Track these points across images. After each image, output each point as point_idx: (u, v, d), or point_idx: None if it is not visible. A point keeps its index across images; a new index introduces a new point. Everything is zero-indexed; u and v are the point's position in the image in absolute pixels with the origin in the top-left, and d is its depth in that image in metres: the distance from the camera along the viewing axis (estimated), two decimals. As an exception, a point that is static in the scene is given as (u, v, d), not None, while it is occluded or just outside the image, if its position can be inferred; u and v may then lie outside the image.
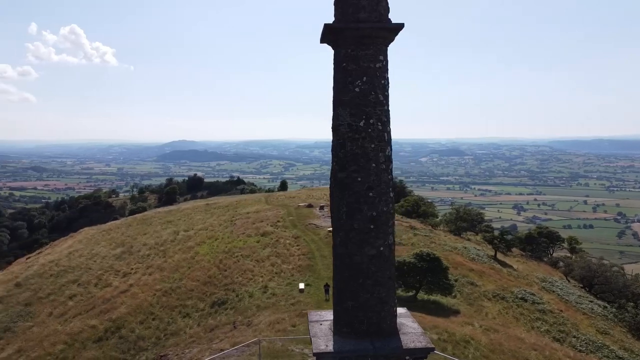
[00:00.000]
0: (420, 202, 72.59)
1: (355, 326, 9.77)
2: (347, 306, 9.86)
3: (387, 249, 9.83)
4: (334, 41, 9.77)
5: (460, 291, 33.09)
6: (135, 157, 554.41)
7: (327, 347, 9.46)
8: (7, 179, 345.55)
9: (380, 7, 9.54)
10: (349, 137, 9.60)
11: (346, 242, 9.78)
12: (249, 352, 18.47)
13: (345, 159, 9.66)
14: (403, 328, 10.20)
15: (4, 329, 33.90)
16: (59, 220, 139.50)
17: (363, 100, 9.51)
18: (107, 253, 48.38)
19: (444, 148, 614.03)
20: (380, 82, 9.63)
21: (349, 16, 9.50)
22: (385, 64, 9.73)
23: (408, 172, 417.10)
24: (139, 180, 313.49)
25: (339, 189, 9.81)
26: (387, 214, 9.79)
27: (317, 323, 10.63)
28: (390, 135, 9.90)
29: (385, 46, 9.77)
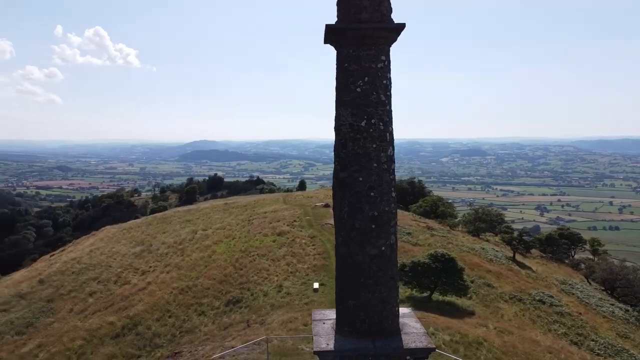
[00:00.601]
0: (439, 202, 72.08)
1: (356, 325, 9.81)
2: (348, 305, 9.90)
3: (389, 249, 9.83)
4: (336, 42, 9.83)
5: (476, 292, 32.80)
6: (157, 157, 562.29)
7: (328, 345, 9.52)
8: (33, 178, 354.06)
9: (382, 7, 9.55)
10: (350, 137, 9.64)
11: (348, 242, 9.83)
12: (258, 350, 18.65)
13: (346, 159, 9.70)
14: (405, 328, 10.19)
15: (26, 324, 34.82)
16: (83, 219, 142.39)
17: (365, 100, 9.54)
18: (127, 251, 49.25)
19: (465, 148, 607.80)
20: (382, 82, 9.64)
21: (351, 17, 9.54)
22: (387, 64, 9.74)
23: (429, 172, 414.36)
24: (160, 179, 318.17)
25: (341, 188, 9.87)
26: (389, 213, 9.79)
27: (320, 322, 10.69)
28: (392, 136, 9.90)
29: (388, 46, 9.78)
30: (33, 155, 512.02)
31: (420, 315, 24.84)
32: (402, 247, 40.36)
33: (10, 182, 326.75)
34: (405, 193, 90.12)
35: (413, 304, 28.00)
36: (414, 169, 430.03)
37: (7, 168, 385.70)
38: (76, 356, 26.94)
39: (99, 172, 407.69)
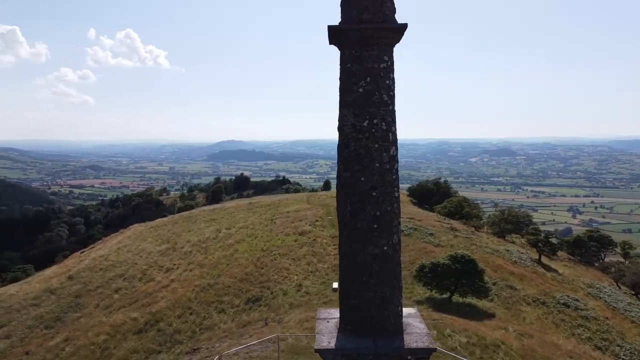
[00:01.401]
0: (464, 203, 71.16)
1: (358, 324, 9.86)
2: (351, 304, 9.96)
3: (391, 249, 9.85)
4: (339, 42, 9.89)
5: (497, 295, 32.29)
6: (186, 157, 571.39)
7: (329, 344, 9.60)
8: (67, 177, 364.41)
9: (384, 7, 9.57)
10: (352, 137, 9.69)
11: (350, 241, 9.89)
12: (272, 348, 18.85)
13: (349, 159, 9.76)
14: (408, 328, 10.18)
15: (55, 319, 35.93)
16: (113, 217, 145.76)
17: (367, 100, 9.58)
18: (152, 249, 50.26)
19: (494, 148, 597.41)
20: (385, 83, 9.66)
21: (353, 17, 9.60)
22: (390, 64, 9.75)
23: (457, 172, 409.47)
24: (189, 179, 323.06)
25: (343, 188, 9.93)
26: (391, 213, 9.80)
27: (324, 320, 10.78)
28: (395, 136, 9.91)
29: (390, 46, 9.78)
30: (67, 155, 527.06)
31: (438, 316, 24.69)
32: (424, 248, 40.13)
33: (45, 181, 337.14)
34: (431, 193, 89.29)
35: (432, 305, 27.81)
36: (442, 169, 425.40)
37: (43, 167, 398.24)
38: (100, 350, 27.71)
39: (130, 171, 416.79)
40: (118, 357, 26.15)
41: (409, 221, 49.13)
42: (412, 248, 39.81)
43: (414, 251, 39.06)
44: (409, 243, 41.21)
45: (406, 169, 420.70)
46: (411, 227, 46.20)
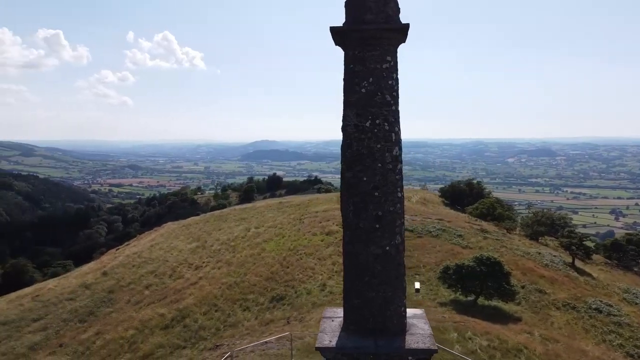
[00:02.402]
0: (497, 204, 69.77)
1: (361, 324, 9.91)
2: (353, 304, 10.02)
3: (394, 249, 9.85)
4: (343, 43, 9.95)
5: (525, 298, 31.58)
6: (220, 157, 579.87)
7: (331, 342, 9.68)
8: (107, 176, 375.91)
9: (388, 8, 9.58)
10: (355, 138, 9.75)
11: (353, 241, 9.94)
12: (288, 346, 19.03)
13: (351, 159, 9.82)
14: (412, 329, 10.16)
15: (88, 313, 37.18)
16: (150, 216, 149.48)
17: (369, 101, 9.62)
18: (183, 247, 51.31)
19: (533, 148, 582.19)
20: (388, 83, 9.67)
21: (356, 18, 9.66)
22: (393, 64, 9.75)
23: (494, 173, 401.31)
24: (223, 178, 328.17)
25: (346, 188, 9.99)
26: (394, 213, 9.80)
27: (329, 319, 10.86)
28: (398, 136, 9.90)
29: (394, 47, 9.79)
30: (107, 155, 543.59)
31: (460, 319, 24.36)
32: (451, 250, 39.61)
33: (86, 180, 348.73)
34: (463, 194, 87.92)
35: (456, 308, 27.45)
36: (478, 169, 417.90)
37: (84, 166, 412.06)
38: (128, 344, 28.56)
39: (167, 170, 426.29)
40: (144, 351, 26.90)
41: (438, 222, 48.58)
42: (439, 249, 39.35)
43: (441, 252, 38.59)
44: (436, 244, 40.77)
45: (441, 169, 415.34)
46: (439, 228, 45.66)
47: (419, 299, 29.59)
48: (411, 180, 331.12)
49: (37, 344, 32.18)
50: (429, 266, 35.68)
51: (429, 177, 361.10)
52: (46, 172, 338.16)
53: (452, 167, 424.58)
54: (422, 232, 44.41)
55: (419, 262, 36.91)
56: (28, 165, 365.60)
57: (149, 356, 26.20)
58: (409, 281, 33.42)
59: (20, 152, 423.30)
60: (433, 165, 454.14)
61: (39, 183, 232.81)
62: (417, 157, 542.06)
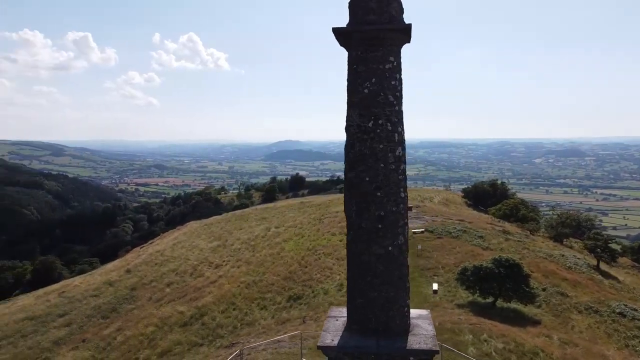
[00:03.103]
0: (521, 205, 68.68)
1: (363, 324, 9.93)
2: (356, 303, 10.05)
3: (397, 249, 9.84)
4: (346, 44, 9.99)
5: (546, 301, 30.99)
6: (244, 157, 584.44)
7: (333, 341, 9.73)
8: (134, 175, 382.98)
9: (391, 8, 9.58)
10: (357, 138, 9.78)
11: (356, 241, 9.98)
12: (300, 345, 19.14)
13: (354, 159, 9.86)
14: (415, 329, 10.13)
15: (111, 310, 38.02)
16: (174, 215, 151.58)
17: (372, 101, 9.64)
18: (204, 246, 52.02)
19: (561, 148, 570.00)
20: (390, 83, 9.67)
21: (359, 19, 9.69)
22: (396, 65, 9.74)
23: (520, 173, 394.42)
24: (247, 178, 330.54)
25: (349, 188, 10.04)
26: (397, 214, 9.80)
27: (333, 318, 10.91)
28: (402, 136, 9.89)
29: (397, 47, 9.78)
30: (133, 155, 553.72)
31: (476, 321, 24.08)
32: (471, 251, 39.15)
33: (113, 179, 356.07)
34: (487, 195, 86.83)
35: (473, 310, 27.13)
36: (504, 170, 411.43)
37: (112, 166, 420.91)
38: (147, 341, 29.11)
39: (192, 170, 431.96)
40: (163, 347, 27.38)
41: (458, 223, 48.09)
42: (458, 250, 38.95)
43: (460, 254, 38.18)
44: (455, 245, 40.37)
45: (466, 169, 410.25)
46: (460, 229, 45.18)
47: (436, 300, 29.36)
48: (435, 181, 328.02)
49: (61, 339, 33.06)
50: (447, 267, 35.35)
51: (453, 177, 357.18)
52: (75, 172, 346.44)
53: (477, 168, 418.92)
54: (442, 233, 44.03)
55: (438, 263, 36.61)
56: (58, 165, 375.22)
57: (166, 353, 26.66)
58: (427, 282, 33.18)
59: (50, 152, 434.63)
60: (458, 166, 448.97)
61: (68, 182, 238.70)
62: (442, 157, 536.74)
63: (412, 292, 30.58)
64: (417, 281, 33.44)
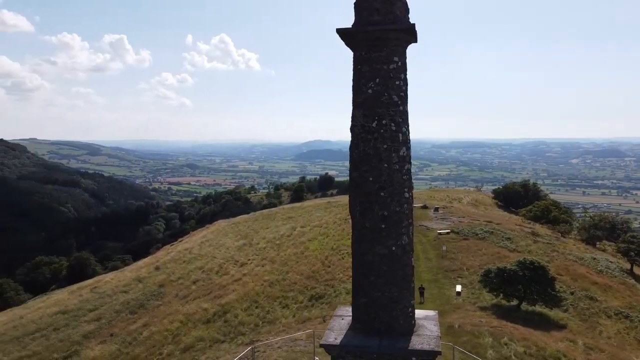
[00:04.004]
0: (552, 206, 67.00)
1: (367, 323, 9.96)
2: (360, 303, 10.08)
3: (400, 249, 9.83)
4: (351, 44, 10.04)
5: (574, 305, 30.22)
6: (275, 156, 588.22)
7: (336, 340, 9.79)
8: (166, 174, 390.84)
9: (395, 9, 9.57)
10: (362, 138, 9.81)
11: (359, 240, 10.01)
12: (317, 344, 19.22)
13: (358, 159, 9.89)
14: (420, 330, 10.10)
15: (139, 305, 38.96)
16: (205, 213, 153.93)
17: (376, 101, 9.65)
18: (231, 244, 52.71)
19: (599, 148, 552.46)
20: (395, 83, 9.67)
21: (364, 19, 9.71)
22: (400, 65, 9.73)
23: (556, 174, 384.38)
24: (277, 178, 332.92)
25: (353, 188, 10.07)
26: (401, 214, 9.78)
27: (339, 317, 10.97)
28: (406, 136, 9.87)
29: (402, 47, 9.76)
30: (166, 154, 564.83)
31: (498, 323, 23.69)
32: (497, 253, 38.49)
33: (147, 178, 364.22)
34: (518, 196, 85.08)
35: (496, 313, 26.67)
36: (539, 170, 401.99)
37: (145, 165, 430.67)
38: (171, 336, 29.73)
39: (223, 169, 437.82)
40: (185, 343, 27.93)
41: (486, 224, 47.33)
42: (484, 252, 38.34)
43: (486, 256, 37.59)
44: (481, 247, 39.76)
45: (499, 170, 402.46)
46: (487, 231, 44.45)
47: (459, 302, 28.99)
48: (467, 182, 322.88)
49: (90, 333, 34.11)
50: (472, 269, 34.84)
51: (486, 178, 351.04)
52: (110, 171, 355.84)
53: (511, 168, 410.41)
54: (468, 234, 43.41)
55: (463, 264, 36.13)
56: (94, 164, 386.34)
57: (189, 349, 27.18)
58: (451, 284, 32.79)
59: (87, 152, 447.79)
60: (491, 166, 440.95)
61: (103, 181, 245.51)
62: (475, 157, 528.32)
63: (435, 293, 30.42)
64: (440, 282, 33.12)
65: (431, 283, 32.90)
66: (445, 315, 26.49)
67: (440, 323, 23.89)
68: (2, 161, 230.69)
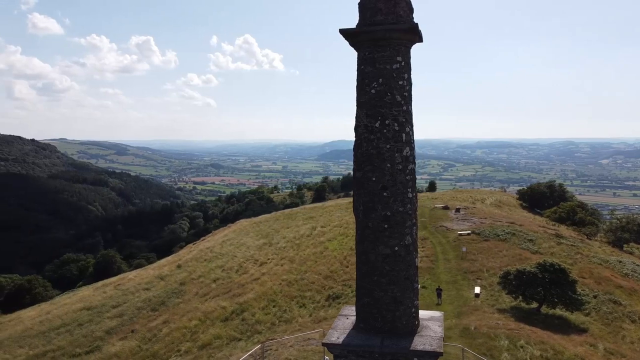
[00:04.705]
0: (579, 208, 65.54)
1: (370, 323, 9.97)
2: (363, 302, 10.10)
3: (403, 249, 9.80)
4: (355, 44, 10.06)
5: (596, 309, 29.48)
6: (298, 156, 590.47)
7: (338, 339, 9.82)
8: (191, 174, 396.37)
9: (398, 8, 9.55)
10: (365, 138, 9.82)
11: (363, 240, 10.03)
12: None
13: (361, 159, 9.90)
14: (423, 330, 10.06)
15: (160, 303, 39.62)
16: (228, 212, 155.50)
17: (379, 101, 9.65)
18: (251, 243, 53.15)
19: (631, 149, 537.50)
20: (398, 83, 9.65)
21: (367, 19, 9.72)
22: (404, 64, 9.70)
23: (585, 175, 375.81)
24: (300, 177, 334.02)
25: (356, 187, 10.09)
26: (404, 214, 9.76)
27: (344, 317, 11.01)
28: (410, 136, 9.84)
29: (405, 47, 9.73)
30: (192, 154, 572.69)
31: (515, 326, 23.33)
32: (519, 255, 37.86)
33: (172, 178, 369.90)
34: (543, 197, 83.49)
35: (515, 315, 26.25)
36: (567, 171, 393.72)
37: (171, 165, 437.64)
38: (190, 334, 30.16)
39: (246, 169, 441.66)
40: (203, 341, 28.29)
41: (508, 226, 46.58)
42: (505, 254, 37.75)
43: (506, 257, 37.00)
44: (502, 248, 39.16)
45: (526, 170, 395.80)
46: (509, 232, 43.74)
47: (477, 304, 28.62)
48: (493, 182, 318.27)
49: (112, 329, 34.85)
50: (492, 271, 34.33)
51: (512, 178, 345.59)
52: (137, 170, 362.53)
53: (538, 169, 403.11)
54: (490, 235, 42.81)
55: (483, 266, 35.65)
56: (121, 164, 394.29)
57: (206, 346, 27.52)
58: (470, 285, 32.40)
59: (115, 151, 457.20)
60: (518, 167, 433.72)
61: (130, 180, 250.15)
62: (501, 157, 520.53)
63: (453, 295, 30.11)
64: (459, 284, 32.76)
65: (449, 284, 32.57)
66: (462, 317, 26.22)
67: (455, 325, 23.88)
68: (33, 160, 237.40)
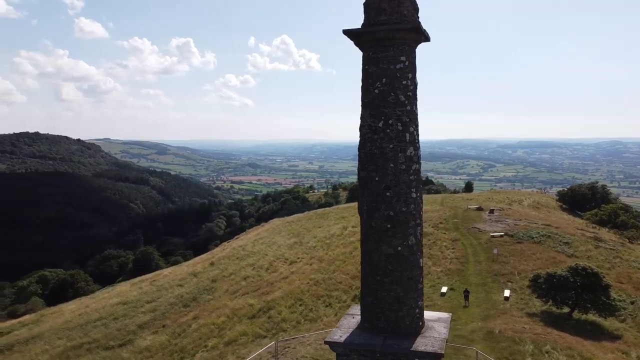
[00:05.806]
0: (621, 210, 63.13)
1: (373, 322, 9.99)
2: (367, 302, 10.13)
3: (407, 250, 9.78)
4: (360, 44, 10.10)
5: (632, 315, 28.36)
6: (334, 156, 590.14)
7: (340, 338, 9.89)
8: (229, 173, 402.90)
9: (402, 8, 9.53)
10: (368, 138, 9.85)
11: (366, 240, 10.06)
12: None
13: (365, 159, 9.94)
14: (428, 331, 10.00)
15: (192, 299, 40.51)
16: (264, 212, 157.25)
17: (382, 101, 9.66)
18: (283, 242, 53.63)
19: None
20: (402, 83, 9.63)
21: (371, 19, 9.75)
22: (407, 64, 9.67)
23: (633, 176, 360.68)
24: (336, 177, 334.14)
25: (361, 187, 10.13)
26: (407, 214, 9.73)
27: (350, 316, 11.06)
28: (414, 136, 9.80)
29: (409, 47, 9.70)
30: (229, 154, 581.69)
31: (542, 331, 22.76)
32: (552, 258, 36.82)
33: (211, 177, 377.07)
34: (585, 199, 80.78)
35: (544, 320, 25.58)
36: (615, 172, 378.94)
37: (210, 164, 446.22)
38: (217, 330, 30.73)
39: (283, 169, 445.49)
40: (229, 337, 28.78)
41: (543, 228, 45.30)
42: (538, 257, 36.79)
43: (540, 260, 36.04)
44: (536, 251, 38.16)
45: (570, 171, 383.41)
46: (544, 234, 42.55)
47: (506, 307, 28.05)
48: (535, 183, 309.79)
49: (145, 323, 35.88)
50: (524, 274, 33.52)
51: (556, 179, 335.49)
52: (177, 169, 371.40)
53: (583, 170, 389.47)
54: (523, 237, 41.76)
55: (514, 269, 34.88)
56: (162, 163, 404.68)
57: (232, 342, 27.98)
58: (499, 288, 31.76)
59: (156, 151, 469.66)
60: (561, 167, 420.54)
61: (170, 179, 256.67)
62: (543, 158, 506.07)
63: (481, 297, 29.60)
64: (488, 286, 32.16)
65: (478, 287, 32.02)
66: (488, 320, 25.75)
67: (480, 328, 23.47)
68: (79, 160, 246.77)
